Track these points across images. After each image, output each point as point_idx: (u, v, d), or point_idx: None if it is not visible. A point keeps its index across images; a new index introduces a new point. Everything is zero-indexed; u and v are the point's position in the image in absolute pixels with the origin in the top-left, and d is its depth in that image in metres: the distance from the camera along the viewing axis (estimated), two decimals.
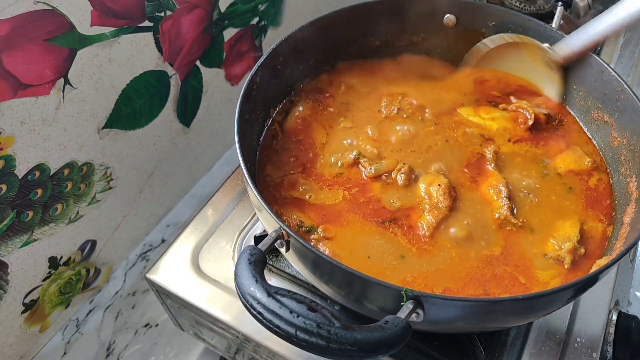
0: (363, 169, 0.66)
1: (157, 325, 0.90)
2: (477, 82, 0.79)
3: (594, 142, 0.71)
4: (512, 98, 0.76)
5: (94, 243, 0.82)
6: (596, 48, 0.71)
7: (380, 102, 0.75)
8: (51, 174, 0.71)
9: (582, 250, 0.59)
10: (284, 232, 0.51)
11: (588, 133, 0.72)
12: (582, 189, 0.66)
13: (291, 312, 0.43)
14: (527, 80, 0.78)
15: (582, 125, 0.73)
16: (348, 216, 0.62)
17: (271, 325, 0.44)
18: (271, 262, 0.69)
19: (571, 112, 0.74)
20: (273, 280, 0.69)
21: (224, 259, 0.72)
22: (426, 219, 0.61)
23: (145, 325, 0.90)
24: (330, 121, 0.73)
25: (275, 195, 0.64)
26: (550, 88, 0.76)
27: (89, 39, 0.69)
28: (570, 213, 0.63)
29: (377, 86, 0.77)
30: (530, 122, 0.71)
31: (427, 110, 0.74)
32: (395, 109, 0.73)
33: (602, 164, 0.69)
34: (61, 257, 0.77)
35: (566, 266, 0.58)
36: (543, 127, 0.72)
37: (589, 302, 0.67)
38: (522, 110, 0.73)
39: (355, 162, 0.67)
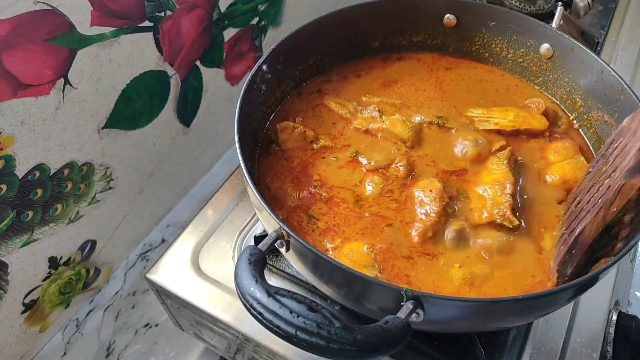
0: (364, 162, 0.66)
1: (157, 325, 0.90)
2: None
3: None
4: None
5: (94, 243, 0.82)
6: None
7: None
8: (51, 174, 0.71)
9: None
10: (284, 232, 0.51)
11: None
12: None
13: (291, 312, 0.43)
14: None
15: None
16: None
17: (271, 326, 0.44)
18: (271, 262, 0.69)
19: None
20: (273, 280, 0.69)
21: (224, 259, 0.72)
22: (414, 225, 0.61)
23: (145, 325, 0.90)
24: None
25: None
26: None
27: (89, 39, 0.69)
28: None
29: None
30: (542, 107, 0.72)
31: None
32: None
33: None
34: (61, 257, 0.77)
35: None
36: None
37: (589, 302, 0.67)
38: (531, 105, 0.73)
39: (354, 159, 0.67)
